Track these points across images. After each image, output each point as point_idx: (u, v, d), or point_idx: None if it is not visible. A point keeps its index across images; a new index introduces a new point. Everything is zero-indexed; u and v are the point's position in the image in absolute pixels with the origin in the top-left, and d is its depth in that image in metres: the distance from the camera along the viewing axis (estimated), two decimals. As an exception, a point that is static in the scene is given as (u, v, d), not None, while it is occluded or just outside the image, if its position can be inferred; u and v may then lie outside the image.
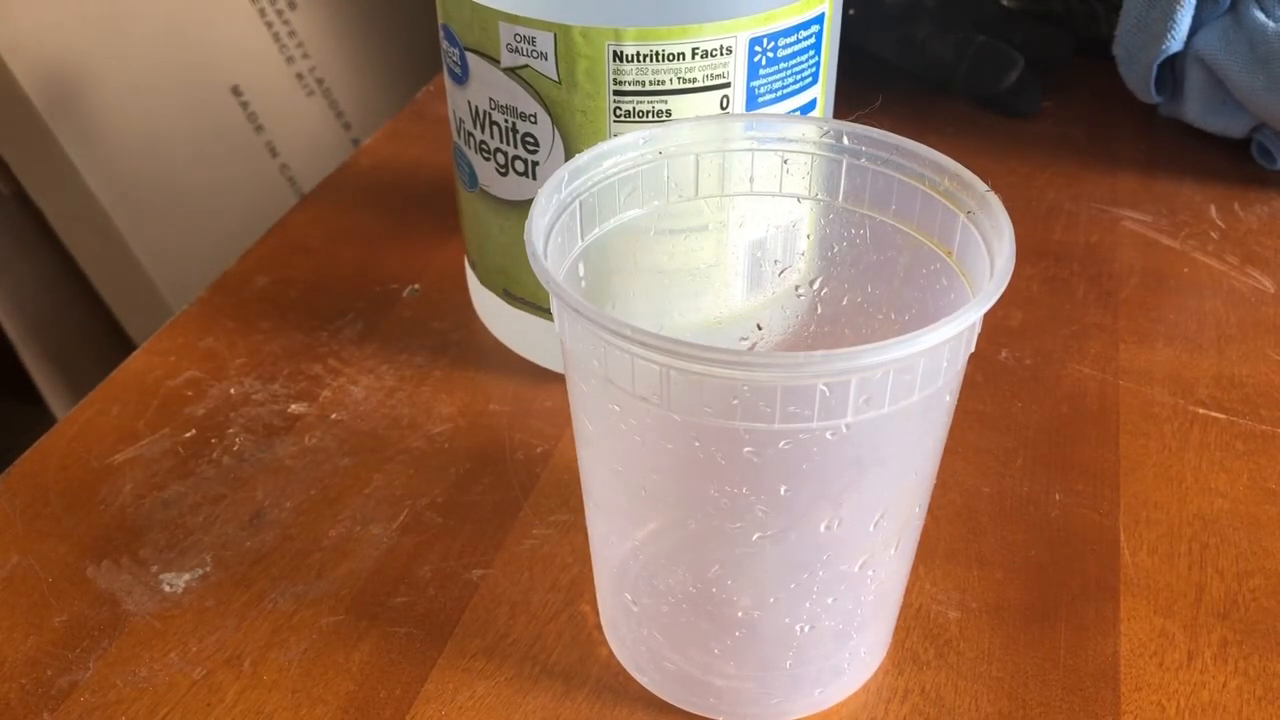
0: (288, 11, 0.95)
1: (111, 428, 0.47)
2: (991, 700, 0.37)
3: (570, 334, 0.30)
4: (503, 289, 0.49)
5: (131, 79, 0.86)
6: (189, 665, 0.38)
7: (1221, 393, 0.49)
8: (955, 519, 0.43)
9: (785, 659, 0.34)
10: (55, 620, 0.39)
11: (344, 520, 0.43)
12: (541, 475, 0.45)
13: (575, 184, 0.34)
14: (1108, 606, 0.40)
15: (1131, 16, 0.63)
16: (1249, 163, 0.64)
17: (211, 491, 0.44)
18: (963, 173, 0.33)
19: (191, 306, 0.53)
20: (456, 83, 0.45)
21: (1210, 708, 0.36)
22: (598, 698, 0.37)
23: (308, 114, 0.97)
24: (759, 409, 0.28)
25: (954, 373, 0.30)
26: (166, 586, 0.40)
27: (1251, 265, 0.57)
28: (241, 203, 0.92)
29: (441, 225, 0.59)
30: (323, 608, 0.39)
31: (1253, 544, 0.42)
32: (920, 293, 0.35)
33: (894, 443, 0.31)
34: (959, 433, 0.46)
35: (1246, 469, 0.45)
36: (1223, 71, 0.61)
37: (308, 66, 0.96)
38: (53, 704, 0.36)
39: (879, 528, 0.32)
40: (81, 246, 0.89)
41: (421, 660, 0.38)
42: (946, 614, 0.39)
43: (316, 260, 0.57)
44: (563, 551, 0.42)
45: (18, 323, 0.88)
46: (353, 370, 0.50)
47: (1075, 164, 0.65)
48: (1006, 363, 0.50)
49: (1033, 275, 0.56)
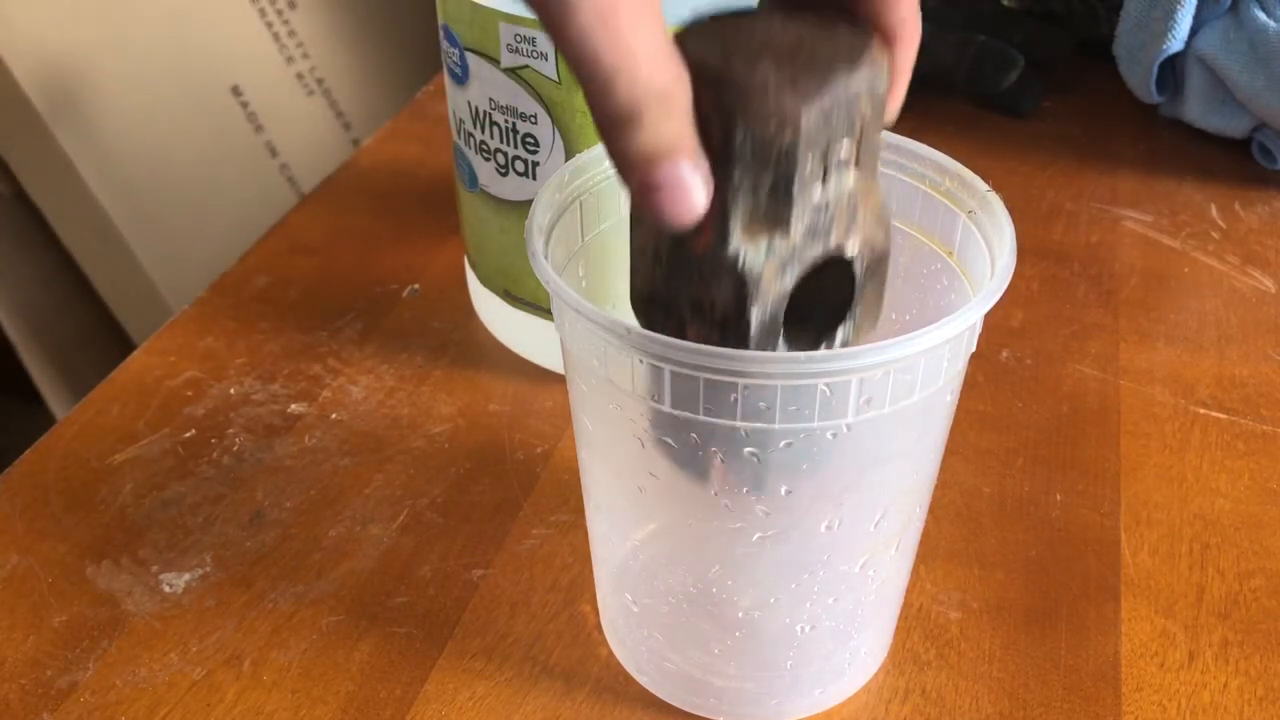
0: (288, 11, 0.95)
1: (111, 428, 0.47)
2: (992, 700, 0.37)
3: (570, 334, 0.30)
4: (503, 289, 0.49)
5: (131, 79, 0.86)
6: (189, 665, 0.38)
7: (1222, 392, 0.49)
8: (956, 519, 0.43)
9: (786, 659, 0.34)
10: (55, 620, 0.39)
11: (344, 520, 0.43)
12: (541, 475, 0.44)
13: (576, 183, 0.34)
14: (1108, 607, 0.39)
15: (1132, 16, 0.63)
16: (1249, 162, 0.64)
17: (211, 491, 0.44)
18: (964, 173, 0.33)
19: (191, 306, 0.53)
20: (456, 83, 0.45)
21: (1211, 708, 0.36)
22: (598, 698, 0.37)
23: (308, 114, 0.97)
24: (759, 409, 0.28)
25: (954, 373, 0.30)
26: (166, 586, 0.40)
27: (1252, 265, 0.57)
28: (241, 203, 0.92)
29: (441, 225, 0.59)
30: (323, 608, 0.39)
31: (1254, 544, 0.42)
32: (921, 292, 0.35)
33: (895, 442, 0.31)
34: (959, 433, 0.46)
35: (1247, 469, 0.45)
36: (1223, 71, 0.61)
37: (308, 66, 0.96)
38: (53, 704, 0.36)
39: (880, 528, 0.32)
40: (81, 246, 0.89)
41: (421, 660, 0.38)
42: (947, 614, 0.39)
43: (316, 260, 0.57)
44: (563, 551, 0.42)
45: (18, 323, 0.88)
46: (352, 370, 0.50)
47: (1075, 164, 0.65)
48: (1007, 363, 0.50)
49: (1033, 275, 0.56)
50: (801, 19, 0.27)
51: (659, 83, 0.23)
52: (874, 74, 0.26)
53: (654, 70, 0.23)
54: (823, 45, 0.26)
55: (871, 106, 0.27)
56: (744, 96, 0.25)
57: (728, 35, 0.26)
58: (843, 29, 0.27)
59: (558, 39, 0.23)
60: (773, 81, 0.25)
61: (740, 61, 0.25)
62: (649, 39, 0.23)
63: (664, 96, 0.23)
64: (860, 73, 0.26)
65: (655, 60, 0.23)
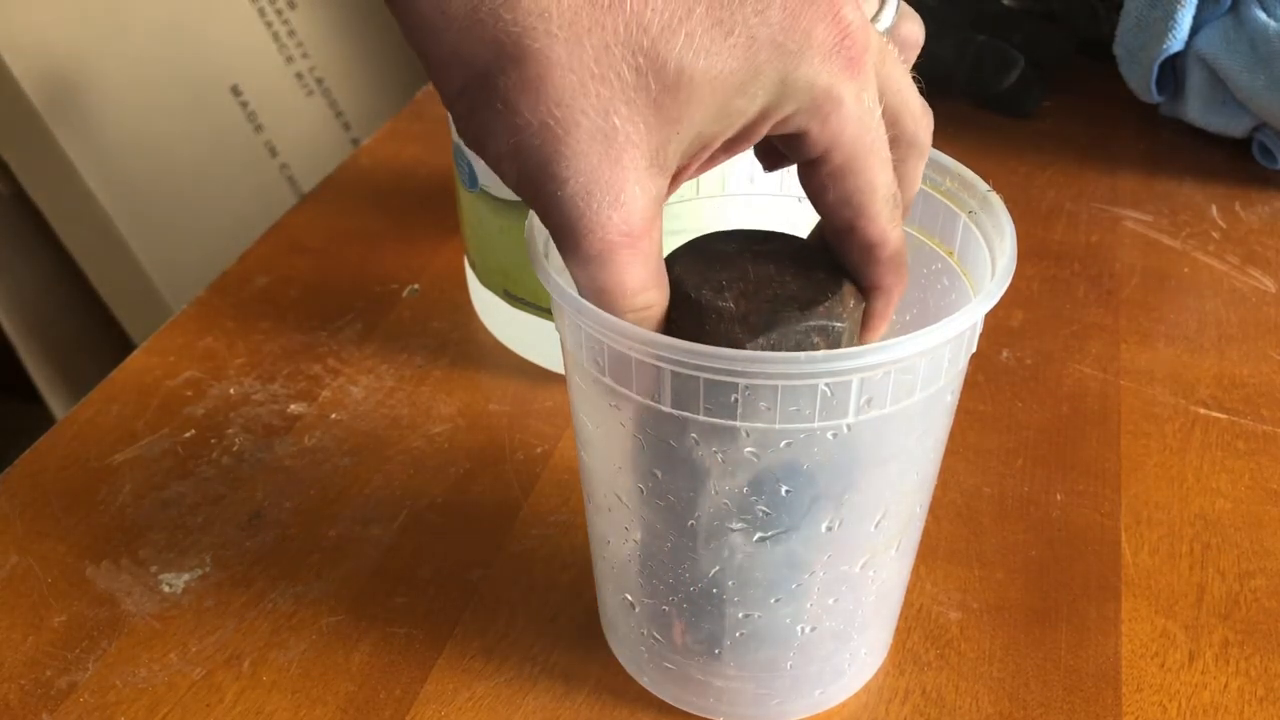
0: (287, 11, 0.95)
1: (111, 428, 0.47)
2: (992, 701, 0.36)
3: (570, 334, 0.30)
4: (503, 289, 0.49)
5: (131, 79, 0.86)
6: (189, 666, 0.38)
7: (1223, 393, 0.49)
8: (956, 519, 0.43)
9: (786, 660, 0.34)
10: (55, 620, 0.39)
11: (344, 520, 0.43)
12: (541, 475, 0.44)
13: (575, 183, 0.34)
14: (1109, 607, 0.39)
15: (1132, 16, 0.63)
16: (1250, 162, 0.64)
17: (211, 491, 0.44)
18: (964, 173, 0.33)
19: (191, 306, 0.53)
20: (456, 82, 0.45)
21: (1212, 708, 0.36)
22: (598, 698, 0.37)
23: (308, 114, 0.97)
24: (759, 409, 0.28)
25: (955, 373, 0.30)
26: (166, 587, 0.40)
27: (1252, 265, 0.57)
28: (241, 202, 0.92)
29: (441, 225, 0.58)
30: (323, 608, 0.39)
31: (1254, 544, 0.42)
32: (921, 292, 0.35)
33: (895, 443, 0.31)
34: (960, 433, 0.46)
35: (1248, 469, 0.45)
36: (1224, 71, 0.61)
37: (307, 66, 0.96)
38: (52, 704, 0.36)
39: (880, 528, 0.32)
40: (81, 246, 0.89)
41: (421, 660, 0.38)
42: (947, 614, 0.39)
43: (316, 260, 0.57)
44: (563, 551, 0.41)
45: (18, 323, 0.88)
46: (352, 370, 0.50)
47: (1075, 164, 0.65)
48: (1007, 363, 0.50)
49: (1033, 275, 0.55)
50: (794, 259, 0.31)
51: (641, 302, 0.28)
52: (831, 316, 0.29)
53: (642, 293, 0.28)
54: (791, 284, 0.30)
55: (828, 341, 0.29)
56: (703, 322, 0.29)
57: (712, 262, 0.31)
58: (820, 273, 0.30)
59: (564, 251, 0.27)
60: (729, 313, 0.29)
61: (709, 290, 0.29)
62: (646, 269, 0.28)
63: (642, 311, 0.28)
64: (814, 313, 0.29)
65: (647, 283, 0.28)
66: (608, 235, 0.27)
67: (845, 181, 0.28)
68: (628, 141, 0.26)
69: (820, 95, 0.27)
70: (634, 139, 0.26)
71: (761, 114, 0.27)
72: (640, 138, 0.26)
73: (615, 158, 0.26)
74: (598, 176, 0.26)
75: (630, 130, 0.26)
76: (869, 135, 0.28)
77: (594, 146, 0.26)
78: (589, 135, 0.26)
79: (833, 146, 0.27)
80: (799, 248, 0.31)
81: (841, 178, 0.28)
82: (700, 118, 0.26)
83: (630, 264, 0.27)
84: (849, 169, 0.28)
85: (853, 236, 0.29)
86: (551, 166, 0.26)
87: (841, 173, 0.28)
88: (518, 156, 0.26)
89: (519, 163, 0.27)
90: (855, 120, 0.27)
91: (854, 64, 0.27)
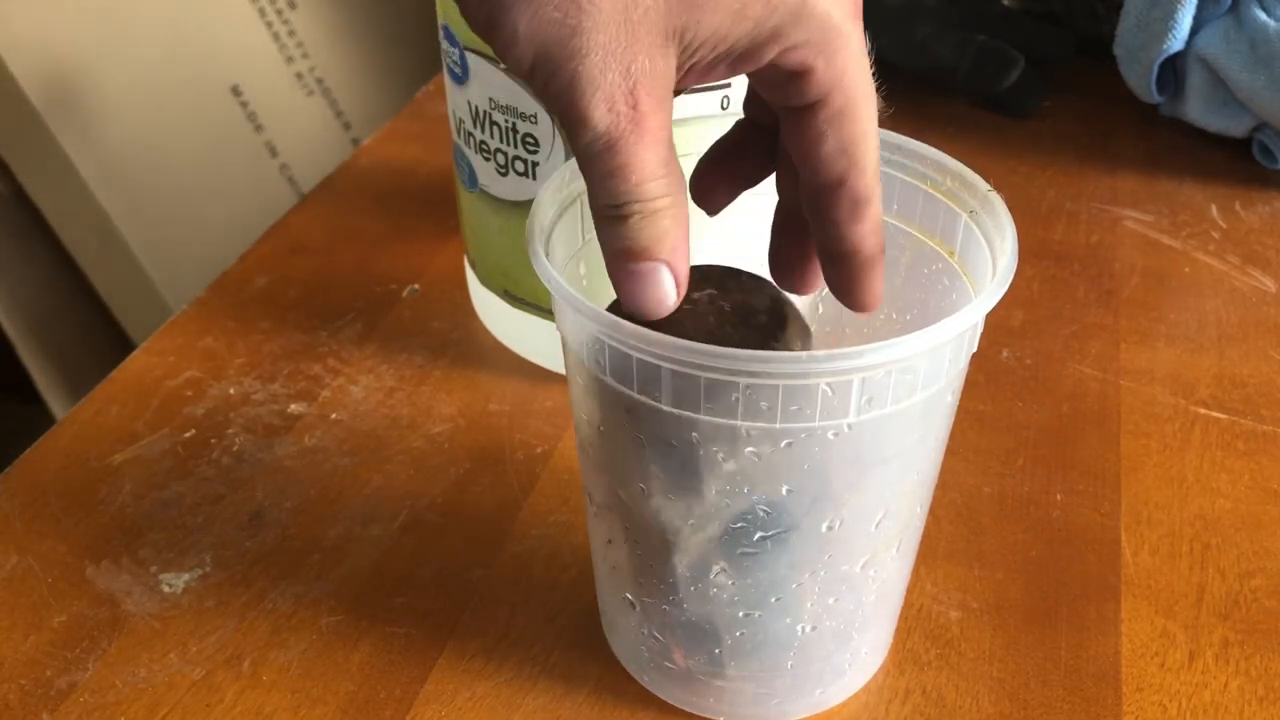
0: (288, 11, 0.95)
1: (111, 428, 0.47)
2: (993, 700, 0.36)
3: (571, 333, 0.30)
4: (503, 289, 0.49)
5: (131, 79, 0.86)
6: (189, 665, 0.38)
7: (1222, 393, 0.49)
8: (956, 519, 0.43)
9: (787, 659, 0.34)
10: (55, 620, 0.39)
11: (344, 520, 0.43)
12: (541, 475, 0.44)
13: (576, 183, 0.34)
14: (1109, 607, 0.39)
15: (1132, 16, 0.63)
16: (1250, 162, 0.64)
17: (211, 491, 0.44)
18: (965, 172, 0.33)
19: (191, 306, 0.53)
20: (456, 83, 0.45)
21: (1212, 708, 0.36)
22: (598, 698, 0.37)
23: (307, 114, 0.97)
24: (760, 408, 0.28)
25: (956, 372, 0.30)
26: (166, 587, 0.40)
27: (1252, 265, 0.57)
28: (241, 202, 0.92)
29: (441, 225, 0.58)
30: (323, 608, 0.39)
31: (1254, 544, 0.42)
32: (922, 292, 0.35)
33: (896, 442, 0.31)
34: (960, 433, 0.46)
35: (1248, 469, 0.45)
36: (1224, 71, 0.61)
37: (307, 66, 0.96)
38: (52, 704, 0.36)
39: (881, 528, 0.32)
40: (81, 246, 0.89)
41: (421, 660, 0.38)
42: (947, 614, 0.39)
43: (316, 260, 0.57)
44: (563, 551, 0.41)
45: (18, 323, 0.88)
46: (352, 370, 0.50)
47: (1075, 164, 0.65)
48: (1007, 363, 0.50)
49: (1033, 275, 0.55)
50: (734, 308, 0.31)
51: (652, 191, 0.27)
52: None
53: (651, 179, 0.27)
54: (733, 336, 0.30)
55: None
56: None
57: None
58: (759, 318, 0.30)
59: (572, 135, 0.27)
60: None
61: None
62: (655, 153, 0.27)
63: (653, 202, 0.27)
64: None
65: (656, 171, 0.27)
66: (617, 105, 0.26)
67: (844, 128, 0.28)
68: (646, 16, 0.26)
69: (832, 30, 0.27)
70: (653, 15, 0.26)
71: (773, 33, 0.27)
72: (660, 15, 0.26)
73: (633, 30, 0.26)
74: (614, 48, 0.26)
75: (651, 4, 0.26)
76: (867, 80, 0.28)
77: (614, 17, 0.26)
78: (611, 5, 0.26)
79: (835, 87, 0.28)
80: (737, 284, 0.31)
81: (841, 123, 0.28)
82: (720, 13, 0.26)
83: (638, 145, 0.27)
84: (849, 113, 0.28)
85: (842, 192, 0.29)
86: (574, 40, 0.26)
87: (842, 117, 0.28)
88: (539, 32, 0.26)
89: (539, 38, 0.26)
90: (858, 61, 0.28)
91: (858, 10, 0.28)
